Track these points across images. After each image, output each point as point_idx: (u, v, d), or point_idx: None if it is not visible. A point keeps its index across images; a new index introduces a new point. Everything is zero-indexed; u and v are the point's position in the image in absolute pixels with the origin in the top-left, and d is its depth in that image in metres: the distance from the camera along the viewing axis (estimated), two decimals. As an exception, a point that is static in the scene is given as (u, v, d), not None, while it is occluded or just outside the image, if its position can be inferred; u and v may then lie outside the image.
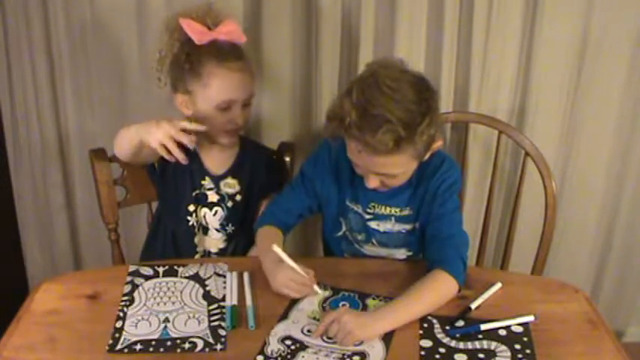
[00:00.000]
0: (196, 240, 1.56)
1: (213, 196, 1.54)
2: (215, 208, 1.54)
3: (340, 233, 1.48)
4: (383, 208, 1.40)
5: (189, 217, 1.54)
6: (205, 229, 1.56)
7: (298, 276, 1.25)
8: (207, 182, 1.53)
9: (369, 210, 1.41)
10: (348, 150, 1.28)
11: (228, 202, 1.55)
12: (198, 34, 1.41)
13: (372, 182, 1.30)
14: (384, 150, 1.19)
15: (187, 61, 1.42)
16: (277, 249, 1.27)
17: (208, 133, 1.46)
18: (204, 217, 1.55)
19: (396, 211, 1.40)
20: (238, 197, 1.55)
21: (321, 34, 1.69)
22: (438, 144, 1.30)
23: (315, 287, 1.27)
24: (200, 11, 1.43)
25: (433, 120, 1.21)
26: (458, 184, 1.39)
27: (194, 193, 1.53)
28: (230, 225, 1.56)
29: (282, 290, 1.25)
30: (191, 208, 1.54)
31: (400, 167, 1.27)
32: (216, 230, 1.56)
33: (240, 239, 1.59)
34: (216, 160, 1.55)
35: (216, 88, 1.42)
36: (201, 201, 1.54)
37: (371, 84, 1.20)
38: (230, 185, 1.55)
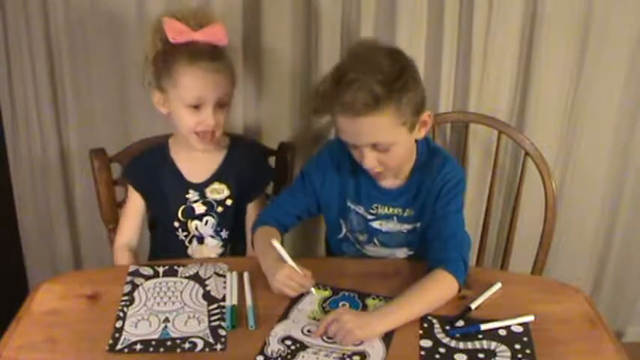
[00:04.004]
0: (189, 252, 1.55)
1: (200, 207, 1.52)
2: (205, 218, 1.53)
3: (341, 235, 1.48)
4: (386, 208, 1.40)
5: (177, 233, 1.53)
6: (200, 239, 1.54)
7: (297, 274, 1.25)
8: (191, 195, 1.51)
9: (371, 211, 1.41)
10: (337, 130, 1.28)
11: (217, 208, 1.52)
12: (175, 32, 1.37)
13: (369, 160, 1.27)
14: (362, 108, 1.18)
15: (163, 59, 1.40)
16: (277, 244, 1.27)
17: (184, 137, 1.46)
18: (196, 228, 1.53)
19: (399, 211, 1.40)
20: (229, 202, 1.53)
21: (321, 34, 1.69)
22: (426, 114, 1.29)
23: (312, 288, 1.27)
24: (185, 12, 1.41)
25: (410, 84, 1.21)
26: (462, 185, 1.38)
27: (180, 209, 1.51)
28: (224, 230, 1.55)
29: (281, 289, 1.25)
30: (176, 224, 1.52)
31: (387, 132, 1.23)
32: (212, 237, 1.54)
33: (237, 242, 1.58)
34: (198, 167, 1.52)
35: (185, 86, 1.39)
36: (189, 215, 1.52)
37: (346, 58, 1.27)
38: (217, 191, 1.52)
